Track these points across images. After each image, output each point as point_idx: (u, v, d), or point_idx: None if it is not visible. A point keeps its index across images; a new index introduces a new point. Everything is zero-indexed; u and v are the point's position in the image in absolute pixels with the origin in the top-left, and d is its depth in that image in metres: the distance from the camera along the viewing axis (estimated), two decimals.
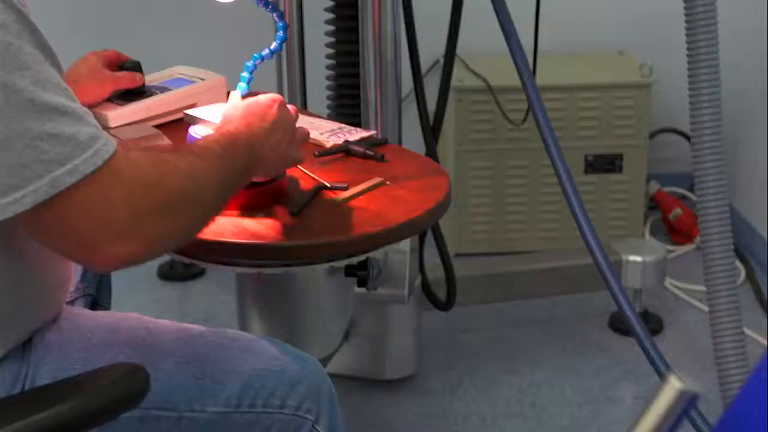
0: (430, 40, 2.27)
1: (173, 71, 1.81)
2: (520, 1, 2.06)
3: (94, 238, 1.04)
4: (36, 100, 1.00)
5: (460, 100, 2.66)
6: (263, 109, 1.31)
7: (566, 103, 2.67)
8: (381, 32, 1.94)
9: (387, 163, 1.54)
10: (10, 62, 0.99)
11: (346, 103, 2.17)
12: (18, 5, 1.01)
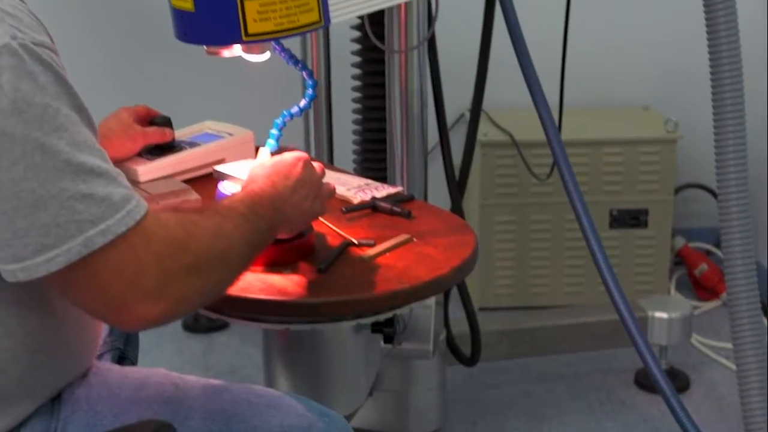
0: (454, 93, 2.29)
1: (202, 126, 1.83)
2: (545, 56, 2.07)
3: (124, 298, 1.05)
4: (72, 161, 1.02)
5: (485, 154, 2.67)
6: (288, 167, 1.32)
7: (591, 158, 2.68)
8: (408, 87, 1.96)
9: (414, 220, 1.55)
10: (47, 124, 1.01)
11: (372, 157, 2.19)
12: (56, 67, 1.03)
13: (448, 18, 1.99)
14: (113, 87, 2.67)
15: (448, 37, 2.18)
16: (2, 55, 0.98)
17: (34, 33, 1.02)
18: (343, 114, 2.22)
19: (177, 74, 2.72)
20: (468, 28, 2.25)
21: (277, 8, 1.27)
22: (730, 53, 1.75)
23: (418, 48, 1.92)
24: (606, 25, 2.83)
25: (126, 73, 2.79)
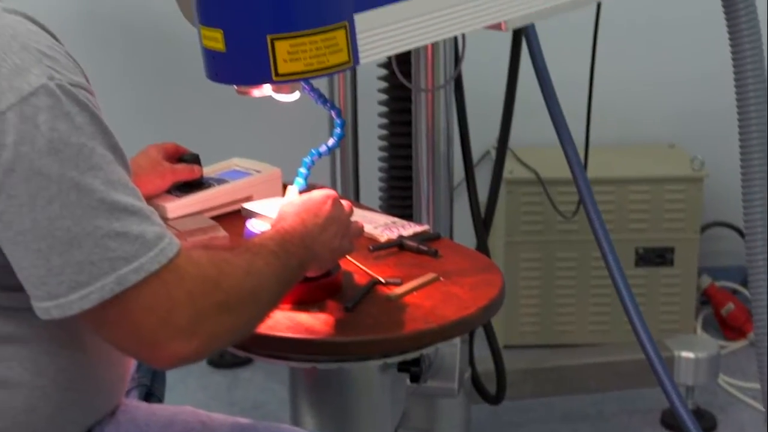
0: (479, 130, 2.30)
1: (230, 163, 1.84)
2: (571, 93, 2.08)
3: (155, 336, 1.05)
4: (106, 199, 1.03)
5: (511, 191, 2.67)
6: (317, 205, 1.33)
7: (617, 196, 2.67)
8: (434, 125, 1.97)
9: (440, 259, 1.55)
10: (83, 163, 1.02)
11: (397, 194, 2.19)
12: (92, 108, 1.04)
13: (475, 56, 2.00)
14: (142, 123, 2.69)
15: (474, 75, 2.19)
16: (40, 96, 1.00)
17: (70, 74, 1.04)
18: (369, 151, 2.23)
19: (205, 111, 2.75)
20: (494, 65, 2.27)
21: (307, 48, 1.28)
22: (756, 91, 1.75)
23: (444, 87, 1.93)
24: (631, 62, 2.83)
25: (154, 110, 2.81)
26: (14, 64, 1.00)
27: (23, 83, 1.00)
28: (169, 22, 2.26)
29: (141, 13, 2.72)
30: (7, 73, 0.99)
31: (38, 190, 1.01)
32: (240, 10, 1.27)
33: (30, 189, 1.00)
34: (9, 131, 0.99)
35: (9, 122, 0.99)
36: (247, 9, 1.27)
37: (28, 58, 1.01)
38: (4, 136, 0.99)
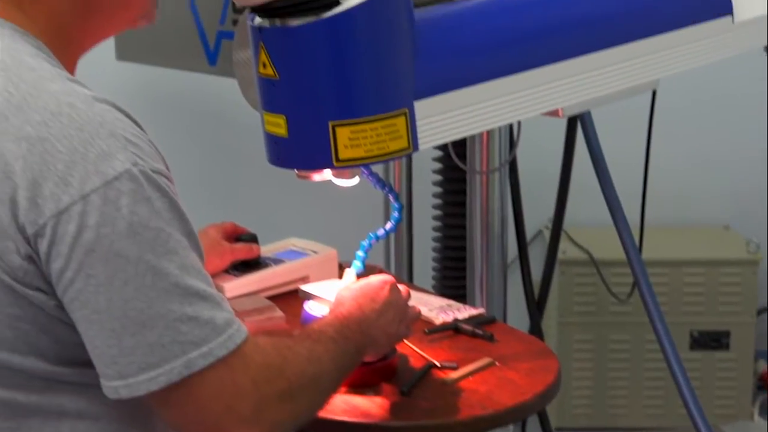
0: (532, 209, 2.30)
1: (287, 243, 1.87)
2: (625, 173, 2.08)
3: (219, 422, 1.06)
4: (180, 284, 1.06)
5: (564, 272, 2.66)
6: (374, 291, 1.35)
7: (671, 278, 2.65)
8: (488, 207, 1.98)
9: (496, 343, 1.55)
10: (160, 247, 1.05)
11: (451, 275, 2.20)
12: (171, 194, 1.08)
13: (529, 137, 2.02)
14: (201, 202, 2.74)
15: (528, 154, 2.20)
16: (123, 180, 1.03)
17: (152, 161, 1.07)
18: (422, 230, 2.25)
19: (263, 191, 2.78)
20: (548, 145, 2.28)
21: (367, 135, 1.31)
22: None
23: (499, 169, 1.95)
24: (686, 143, 2.83)
25: (213, 190, 2.86)
26: (101, 150, 1.03)
27: (108, 168, 1.03)
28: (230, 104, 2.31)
29: (203, 93, 2.78)
30: (94, 157, 1.03)
31: (116, 271, 1.03)
32: (303, 97, 1.30)
33: (108, 270, 1.03)
34: (92, 213, 1.02)
35: (93, 204, 1.02)
36: (310, 96, 1.30)
37: (115, 145, 1.04)
38: (87, 218, 1.02)
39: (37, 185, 1.01)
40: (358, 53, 1.29)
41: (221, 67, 2.22)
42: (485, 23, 1.43)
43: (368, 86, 1.30)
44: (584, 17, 1.50)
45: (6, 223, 1.03)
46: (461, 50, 1.39)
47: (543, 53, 1.45)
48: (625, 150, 2.28)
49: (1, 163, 1.02)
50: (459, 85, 1.38)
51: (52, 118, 1.03)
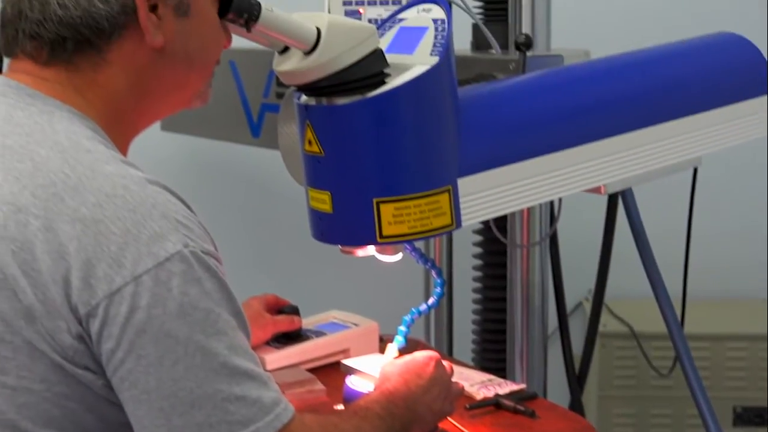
0: (571, 281, 2.30)
1: (328, 315, 1.88)
2: (667, 246, 2.08)
3: None
4: (228, 364, 1.07)
5: (604, 345, 2.64)
6: (420, 367, 1.35)
7: (713, 352, 2.62)
8: (529, 280, 1.98)
9: (537, 420, 1.54)
10: (210, 328, 1.07)
11: (491, 348, 2.19)
12: (220, 274, 1.10)
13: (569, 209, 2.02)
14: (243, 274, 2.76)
15: (567, 226, 2.20)
16: (174, 262, 1.05)
17: (202, 242, 1.09)
18: (463, 303, 2.24)
19: (305, 264, 2.79)
20: (588, 218, 2.28)
21: (411, 212, 1.32)
22: None
23: (540, 243, 1.95)
24: (727, 215, 2.82)
25: (255, 262, 2.87)
26: (154, 231, 1.06)
27: (161, 249, 1.05)
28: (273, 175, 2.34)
29: (246, 164, 2.82)
30: (146, 239, 1.05)
31: (166, 351, 1.05)
32: (348, 174, 1.32)
33: (158, 350, 1.04)
34: (144, 294, 1.04)
35: (144, 285, 1.04)
36: (355, 173, 1.32)
37: (167, 226, 1.06)
38: (139, 299, 1.04)
39: (91, 266, 1.03)
40: (403, 131, 1.31)
41: (264, 138, 2.26)
42: (528, 101, 1.45)
43: (412, 164, 1.32)
44: (625, 96, 1.52)
45: (58, 303, 1.04)
46: (504, 128, 1.41)
47: (585, 131, 1.46)
48: (665, 222, 2.27)
49: (56, 243, 1.04)
50: (502, 162, 1.39)
51: (106, 199, 1.05)
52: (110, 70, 1.16)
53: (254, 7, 1.22)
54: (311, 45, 1.25)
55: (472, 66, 1.80)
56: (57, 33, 1.13)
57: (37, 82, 1.15)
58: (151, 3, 1.15)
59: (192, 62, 1.21)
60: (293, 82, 1.31)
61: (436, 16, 1.38)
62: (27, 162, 1.08)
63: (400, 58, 1.35)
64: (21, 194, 1.06)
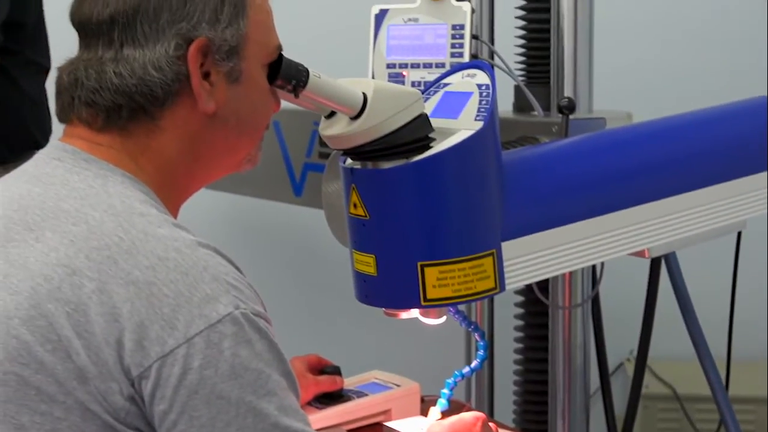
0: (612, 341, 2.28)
1: (370, 376, 1.88)
2: (711, 306, 2.06)
3: None
4: (279, 424, 1.08)
5: (647, 406, 2.62)
6: (467, 427, 1.36)
7: (758, 415, 2.59)
8: (571, 341, 1.98)
9: None
10: (260, 388, 1.08)
11: (532, 409, 2.17)
12: (270, 335, 1.11)
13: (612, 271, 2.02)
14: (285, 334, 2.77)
15: (609, 287, 2.19)
16: (226, 323, 1.07)
17: (252, 303, 1.11)
18: (504, 362, 2.23)
19: (347, 324, 2.80)
20: (630, 278, 2.27)
21: (455, 275, 1.33)
22: None
23: (582, 305, 1.94)
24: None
25: (297, 321, 2.88)
26: (205, 294, 1.07)
27: (212, 311, 1.07)
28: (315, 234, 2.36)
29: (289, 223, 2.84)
30: (198, 301, 1.07)
31: (218, 412, 1.05)
32: (392, 237, 1.33)
33: (211, 411, 1.05)
34: (196, 356, 1.05)
35: (197, 347, 1.05)
36: (400, 237, 1.33)
37: (218, 289, 1.08)
38: (191, 360, 1.05)
39: (144, 328, 1.05)
40: (448, 196, 1.32)
41: (307, 197, 2.28)
42: (572, 165, 1.46)
43: (457, 228, 1.33)
44: (669, 159, 1.52)
45: (111, 365, 1.06)
46: (548, 192, 1.42)
47: (629, 195, 1.47)
48: (708, 281, 2.26)
49: (110, 305, 1.06)
50: (546, 226, 1.40)
51: (159, 262, 1.07)
52: (163, 136, 1.18)
53: (302, 74, 1.24)
54: (358, 110, 1.27)
55: (514, 128, 1.81)
56: (112, 101, 1.16)
57: (92, 147, 1.18)
58: (204, 70, 1.18)
59: (243, 127, 1.23)
60: (339, 146, 1.33)
61: (480, 82, 1.40)
62: (82, 225, 1.10)
63: (444, 122, 1.37)
64: (76, 257, 1.08)
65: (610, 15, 2.27)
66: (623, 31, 2.74)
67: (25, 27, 1.24)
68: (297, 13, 2.67)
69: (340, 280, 1.44)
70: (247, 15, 1.20)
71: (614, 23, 2.53)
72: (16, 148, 1.50)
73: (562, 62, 1.90)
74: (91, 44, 1.18)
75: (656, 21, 2.84)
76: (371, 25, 1.81)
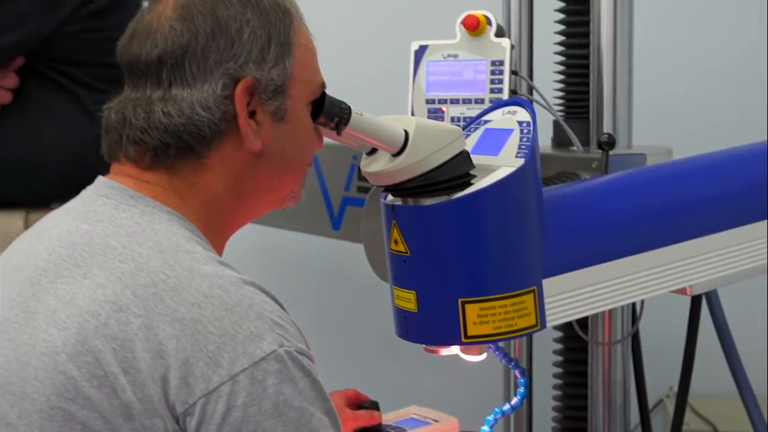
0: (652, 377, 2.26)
1: (408, 411, 1.87)
2: (752, 342, 2.04)
3: None
4: None
5: None
6: None
7: None
8: (610, 378, 1.96)
9: None
10: (303, 426, 1.09)
11: None
12: (313, 373, 1.11)
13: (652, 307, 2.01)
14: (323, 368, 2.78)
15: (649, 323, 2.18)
16: (270, 361, 1.08)
17: (296, 341, 1.12)
18: (542, 399, 2.22)
19: (386, 359, 2.79)
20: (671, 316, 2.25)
21: (496, 312, 1.33)
22: None
23: (621, 342, 1.93)
24: None
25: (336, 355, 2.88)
26: (250, 332, 1.08)
27: (257, 349, 1.08)
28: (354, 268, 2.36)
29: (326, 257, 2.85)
30: (242, 339, 1.08)
31: None
32: (434, 274, 1.34)
33: None
34: (240, 393, 1.06)
35: (241, 384, 1.06)
36: (441, 273, 1.33)
37: (263, 326, 1.09)
38: (236, 398, 1.06)
39: (189, 365, 1.06)
40: (489, 233, 1.32)
41: (345, 231, 2.29)
42: (612, 202, 1.46)
43: (498, 265, 1.33)
44: (711, 196, 1.51)
45: (156, 401, 1.07)
46: (589, 229, 1.41)
47: (670, 232, 1.46)
48: (750, 317, 2.24)
49: (155, 342, 1.07)
50: (587, 263, 1.40)
51: (204, 300, 1.08)
52: (209, 174, 1.20)
53: (345, 111, 1.25)
54: (399, 147, 1.27)
55: (553, 164, 1.81)
56: (160, 140, 1.18)
57: (139, 185, 1.19)
58: (250, 109, 1.19)
59: (288, 165, 1.24)
60: (380, 182, 1.33)
61: (521, 119, 1.40)
62: (129, 262, 1.12)
63: (485, 159, 1.37)
64: (123, 294, 1.10)
65: (650, 49, 2.27)
66: (662, 64, 2.73)
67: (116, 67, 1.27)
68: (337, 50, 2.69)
69: (378, 315, 1.45)
70: (293, 54, 1.22)
71: (654, 57, 2.53)
72: (76, 185, 1.51)
73: (602, 97, 1.90)
74: (139, 83, 1.20)
75: (696, 54, 2.83)
76: (410, 60, 1.83)
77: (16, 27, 1.90)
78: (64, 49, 1.97)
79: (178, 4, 1.19)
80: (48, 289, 1.13)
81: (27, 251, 1.21)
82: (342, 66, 2.37)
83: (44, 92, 1.98)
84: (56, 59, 1.98)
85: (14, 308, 1.15)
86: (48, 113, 1.98)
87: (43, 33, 1.92)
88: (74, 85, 1.99)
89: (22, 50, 1.93)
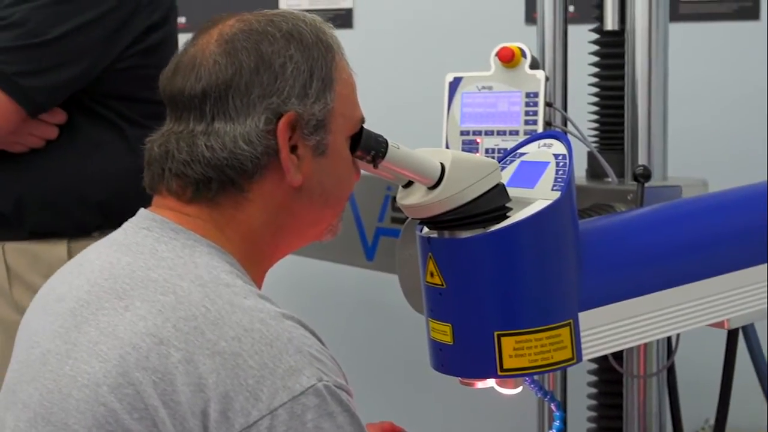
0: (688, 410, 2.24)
1: None
2: None
3: None
4: None
5: None
6: None
7: None
8: (646, 411, 1.95)
9: None
10: None
11: None
12: (352, 408, 1.12)
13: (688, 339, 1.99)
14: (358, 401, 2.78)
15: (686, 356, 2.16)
16: (309, 395, 1.08)
17: (335, 376, 1.12)
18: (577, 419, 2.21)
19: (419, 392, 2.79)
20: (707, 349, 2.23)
21: (532, 345, 1.32)
22: None
23: (657, 374, 1.92)
24: None
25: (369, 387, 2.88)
26: (289, 366, 1.09)
27: (296, 383, 1.08)
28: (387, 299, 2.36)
29: (361, 288, 2.85)
30: (282, 373, 1.08)
31: None
32: (469, 307, 1.33)
33: None
34: (279, 427, 1.06)
35: (280, 419, 1.07)
36: (477, 306, 1.33)
37: (302, 361, 1.10)
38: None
39: (229, 399, 1.06)
40: (525, 266, 1.32)
41: (379, 262, 2.29)
42: (649, 235, 1.46)
43: (534, 298, 1.33)
44: (748, 229, 1.50)
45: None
46: (626, 262, 1.41)
47: (707, 265, 1.45)
48: None
49: (196, 376, 1.08)
50: (623, 296, 1.39)
51: (244, 333, 1.09)
52: (250, 208, 1.21)
53: (381, 145, 1.26)
54: (435, 180, 1.28)
55: (588, 195, 1.81)
56: (203, 173, 1.19)
57: (180, 218, 1.21)
58: (292, 144, 1.20)
59: (327, 199, 1.25)
60: (416, 215, 1.34)
61: (557, 152, 1.40)
62: (170, 295, 1.13)
63: (521, 192, 1.37)
64: (163, 326, 1.11)
65: (684, 80, 2.26)
66: (697, 96, 2.73)
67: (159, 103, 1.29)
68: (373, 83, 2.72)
69: (412, 346, 1.45)
70: (334, 89, 1.23)
71: (688, 88, 2.52)
72: (117, 216, 1.53)
73: (636, 128, 1.90)
74: (182, 117, 1.21)
75: (731, 85, 2.82)
76: (445, 92, 1.83)
77: (74, 63, 1.92)
78: (113, 85, 2.00)
79: (223, 39, 1.20)
80: (89, 320, 1.14)
81: (69, 282, 1.22)
82: (378, 99, 2.39)
83: (92, 126, 2.01)
84: (105, 94, 2.01)
85: (56, 339, 1.16)
86: (95, 147, 2.01)
87: (98, 69, 1.95)
88: (120, 119, 2.02)
89: (76, 86, 1.96)
